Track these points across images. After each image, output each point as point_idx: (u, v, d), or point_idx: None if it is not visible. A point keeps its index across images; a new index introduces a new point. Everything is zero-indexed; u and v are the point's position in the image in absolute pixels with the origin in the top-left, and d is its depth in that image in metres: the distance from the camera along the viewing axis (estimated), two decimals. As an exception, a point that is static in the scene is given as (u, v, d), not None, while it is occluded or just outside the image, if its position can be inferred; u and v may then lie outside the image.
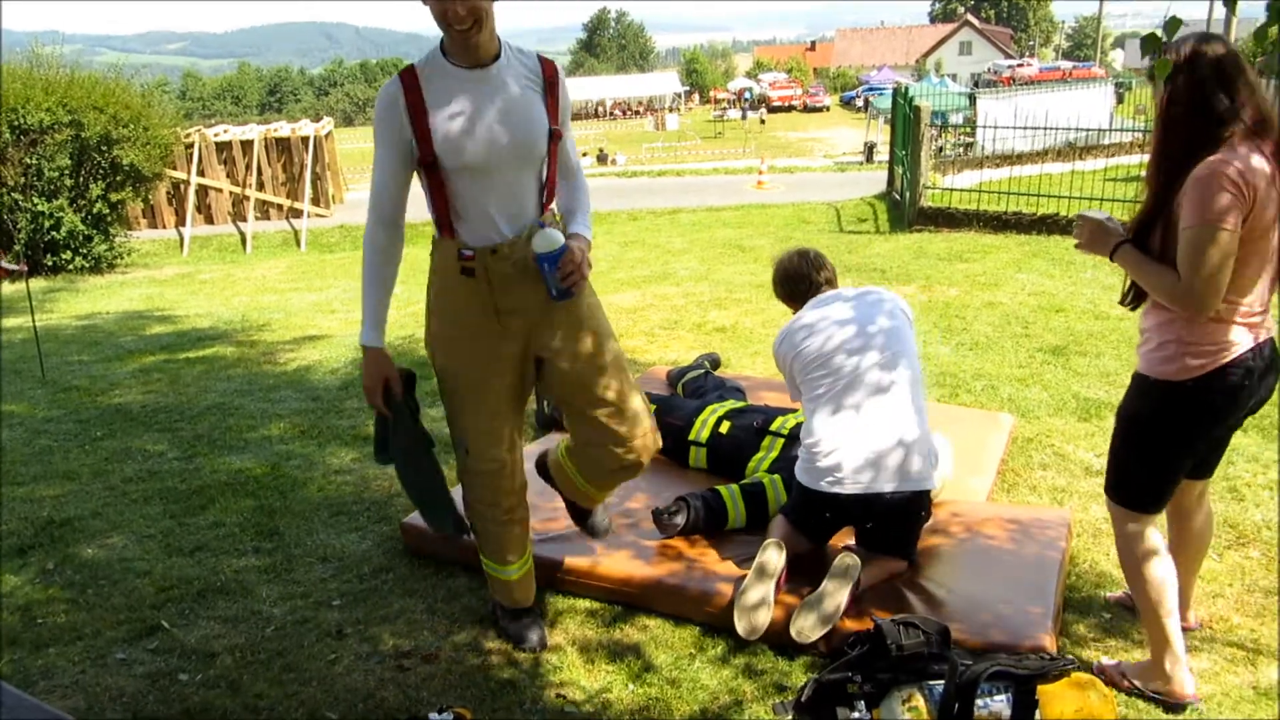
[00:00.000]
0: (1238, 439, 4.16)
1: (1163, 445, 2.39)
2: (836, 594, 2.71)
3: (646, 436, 2.60)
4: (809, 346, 3.01)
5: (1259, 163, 2.16)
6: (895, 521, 2.91)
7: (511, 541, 2.72)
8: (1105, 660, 2.64)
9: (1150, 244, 2.31)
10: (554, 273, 2.34)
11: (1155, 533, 2.48)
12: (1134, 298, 2.45)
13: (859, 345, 2.95)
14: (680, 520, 3.16)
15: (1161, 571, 2.44)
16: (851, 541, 3.03)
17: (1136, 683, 2.53)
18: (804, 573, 2.88)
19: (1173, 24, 2.06)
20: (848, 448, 2.85)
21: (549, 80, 2.42)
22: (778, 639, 2.73)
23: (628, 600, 3.00)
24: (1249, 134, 2.18)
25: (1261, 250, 2.23)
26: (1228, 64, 2.18)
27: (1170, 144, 2.25)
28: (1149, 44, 2.02)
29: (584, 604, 3.02)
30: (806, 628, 2.66)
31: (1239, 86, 2.19)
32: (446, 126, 2.30)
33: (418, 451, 2.60)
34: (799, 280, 3.22)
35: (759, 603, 2.74)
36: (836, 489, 2.87)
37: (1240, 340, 2.28)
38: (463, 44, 2.25)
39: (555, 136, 2.42)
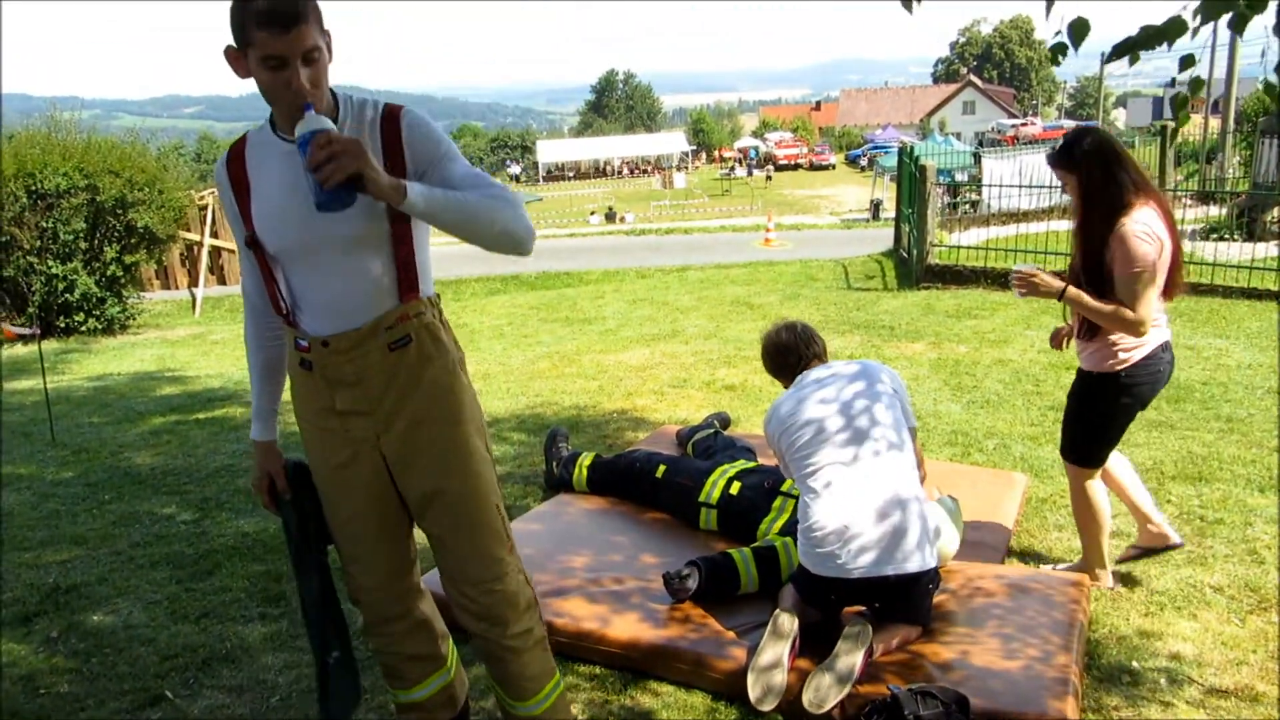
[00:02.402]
0: (1256, 499, 4.12)
1: (1107, 419, 3.25)
2: (850, 655, 2.66)
3: (481, 594, 2.16)
4: (795, 423, 2.98)
5: (1157, 216, 2.99)
6: (902, 599, 2.87)
7: (403, 666, 2.35)
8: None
9: (1094, 286, 3.05)
10: (305, 157, 1.80)
11: (1098, 482, 3.35)
12: (1088, 330, 3.19)
13: (849, 424, 2.92)
14: (692, 584, 3.11)
15: (1103, 509, 3.35)
16: (862, 608, 2.99)
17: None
18: (816, 643, 2.84)
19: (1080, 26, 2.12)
20: (846, 532, 2.81)
21: (389, 141, 1.98)
22: (790, 708, 2.67)
23: (636, 665, 2.95)
24: (1143, 197, 2.99)
25: (1164, 277, 3.04)
26: (1120, 148, 3.03)
27: (1093, 212, 3.03)
28: (1057, 50, 2.19)
29: (592, 669, 2.97)
30: (823, 688, 2.61)
31: (1129, 163, 3.02)
32: (263, 207, 2.01)
33: (302, 564, 2.27)
34: (787, 354, 3.22)
35: (773, 664, 2.69)
36: (839, 574, 2.82)
37: (1152, 339, 3.12)
38: (294, 116, 1.87)
39: (396, 214, 1.96)
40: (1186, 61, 2.15)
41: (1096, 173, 2.99)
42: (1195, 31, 1.98)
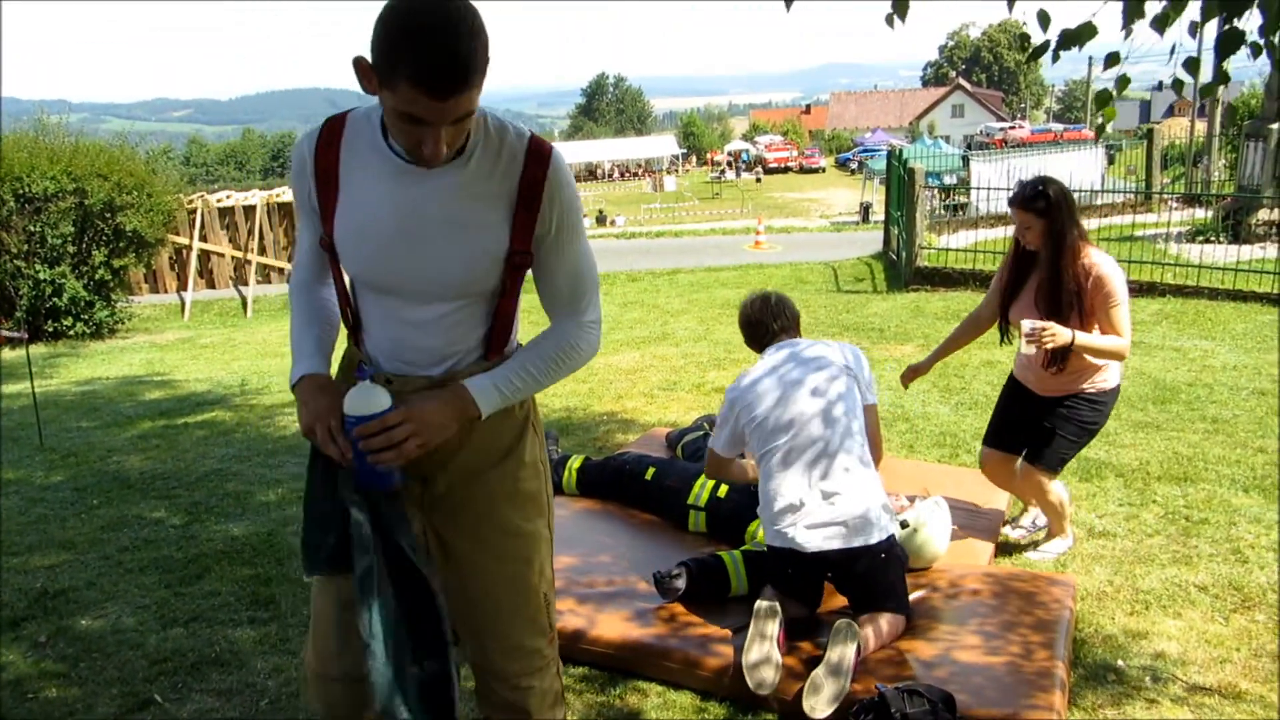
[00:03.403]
0: (1241, 499, 4.15)
1: (1092, 431, 3.55)
2: (841, 649, 2.69)
3: (531, 680, 1.90)
4: (757, 401, 3.06)
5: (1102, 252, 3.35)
6: (861, 575, 2.92)
7: None
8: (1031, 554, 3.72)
9: (1053, 317, 3.32)
10: (356, 441, 1.64)
11: (1059, 481, 3.67)
12: (1062, 359, 3.40)
13: (807, 403, 3.00)
14: (681, 584, 3.13)
15: (1064, 495, 3.68)
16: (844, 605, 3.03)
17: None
18: (802, 639, 2.88)
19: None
20: (799, 507, 2.90)
21: (529, 183, 1.67)
22: (780, 708, 2.69)
23: (625, 665, 2.96)
24: (1085, 239, 3.36)
25: None
26: (1071, 195, 3.36)
27: (1061, 253, 3.31)
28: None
29: (581, 670, 2.98)
30: (822, 688, 2.62)
31: (1076, 208, 3.37)
32: (350, 218, 1.71)
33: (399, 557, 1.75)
34: (755, 326, 3.31)
35: (761, 660, 2.72)
36: (790, 546, 2.91)
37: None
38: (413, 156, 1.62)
39: (517, 265, 1.71)
40: (1111, 60, 2.29)
41: (1064, 217, 3.29)
42: (1128, 33, 2.14)
